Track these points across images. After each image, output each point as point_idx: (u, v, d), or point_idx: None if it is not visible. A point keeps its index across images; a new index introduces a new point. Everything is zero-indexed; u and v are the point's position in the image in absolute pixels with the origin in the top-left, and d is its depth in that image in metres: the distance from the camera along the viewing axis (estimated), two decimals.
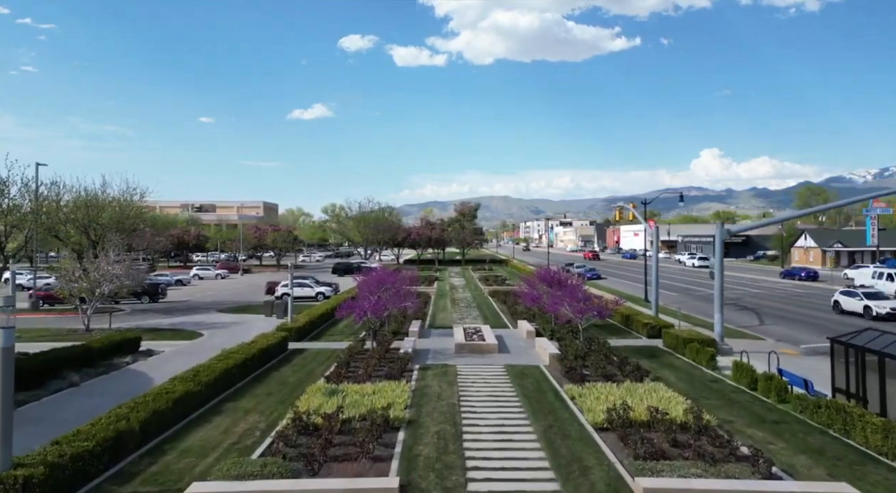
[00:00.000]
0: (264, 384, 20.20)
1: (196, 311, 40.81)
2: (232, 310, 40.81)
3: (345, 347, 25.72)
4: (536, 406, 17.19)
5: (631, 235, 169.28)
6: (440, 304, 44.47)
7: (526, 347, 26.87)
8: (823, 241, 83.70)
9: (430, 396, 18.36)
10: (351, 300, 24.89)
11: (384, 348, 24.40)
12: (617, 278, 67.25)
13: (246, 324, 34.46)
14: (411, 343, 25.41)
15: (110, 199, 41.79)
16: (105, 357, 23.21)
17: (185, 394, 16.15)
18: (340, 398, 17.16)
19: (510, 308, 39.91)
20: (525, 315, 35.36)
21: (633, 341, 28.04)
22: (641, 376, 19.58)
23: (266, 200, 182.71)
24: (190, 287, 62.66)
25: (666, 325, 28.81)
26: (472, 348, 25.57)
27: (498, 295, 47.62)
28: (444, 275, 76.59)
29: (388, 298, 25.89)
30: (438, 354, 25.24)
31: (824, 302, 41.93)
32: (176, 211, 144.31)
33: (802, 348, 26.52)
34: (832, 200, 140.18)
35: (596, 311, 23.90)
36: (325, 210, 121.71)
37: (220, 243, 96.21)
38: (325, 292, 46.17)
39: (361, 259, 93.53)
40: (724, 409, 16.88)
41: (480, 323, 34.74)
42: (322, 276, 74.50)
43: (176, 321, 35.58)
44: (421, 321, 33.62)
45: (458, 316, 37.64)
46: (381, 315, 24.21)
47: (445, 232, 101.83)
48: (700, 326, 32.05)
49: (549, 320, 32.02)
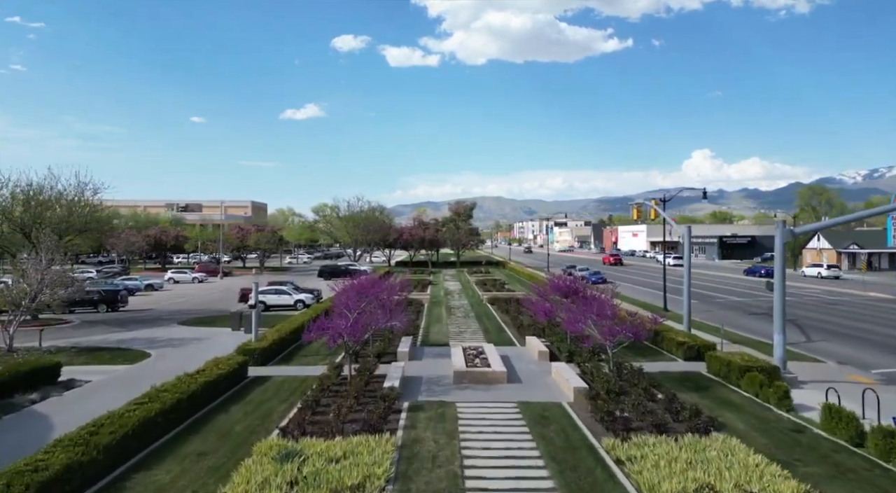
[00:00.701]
0: (201, 436, 15.15)
1: (155, 323, 35.65)
2: (196, 322, 35.65)
3: (318, 373, 20.81)
4: (572, 479, 12.26)
5: (629, 235, 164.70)
6: (434, 313, 39.52)
7: (539, 373, 21.95)
8: (838, 242, 79.30)
9: (423, 459, 13.39)
10: (324, 317, 19.85)
11: (365, 377, 19.43)
12: (624, 283, 62.43)
13: (207, 341, 29.39)
14: (399, 371, 20.44)
15: (56, 195, 36.45)
16: (6, 393, 18.10)
17: (64, 470, 11.09)
18: (296, 467, 12.21)
19: (514, 319, 35.03)
20: (532, 328, 30.53)
21: (667, 364, 23.13)
22: (705, 427, 14.69)
23: (254, 200, 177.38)
24: (160, 293, 57.35)
25: (705, 344, 23.94)
26: (474, 376, 20.61)
27: (498, 303, 42.73)
28: (437, 278, 71.59)
29: (371, 314, 20.88)
30: (433, 384, 20.27)
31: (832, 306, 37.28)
32: (159, 210, 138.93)
33: (876, 375, 21.77)
34: (834, 201, 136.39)
35: (631, 332, 18.99)
36: (316, 210, 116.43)
37: (200, 244, 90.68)
38: (305, 300, 41.11)
39: (350, 261, 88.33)
40: (844, 486, 11.98)
41: (481, 339, 29.83)
42: (308, 280, 69.45)
43: (125, 337, 30.43)
44: (412, 338, 28.69)
45: (455, 329, 32.70)
46: (360, 338, 19.26)
47: (439, 232, 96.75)
48: (739, 343, 27.26)
49: (563, 336, 27.20)
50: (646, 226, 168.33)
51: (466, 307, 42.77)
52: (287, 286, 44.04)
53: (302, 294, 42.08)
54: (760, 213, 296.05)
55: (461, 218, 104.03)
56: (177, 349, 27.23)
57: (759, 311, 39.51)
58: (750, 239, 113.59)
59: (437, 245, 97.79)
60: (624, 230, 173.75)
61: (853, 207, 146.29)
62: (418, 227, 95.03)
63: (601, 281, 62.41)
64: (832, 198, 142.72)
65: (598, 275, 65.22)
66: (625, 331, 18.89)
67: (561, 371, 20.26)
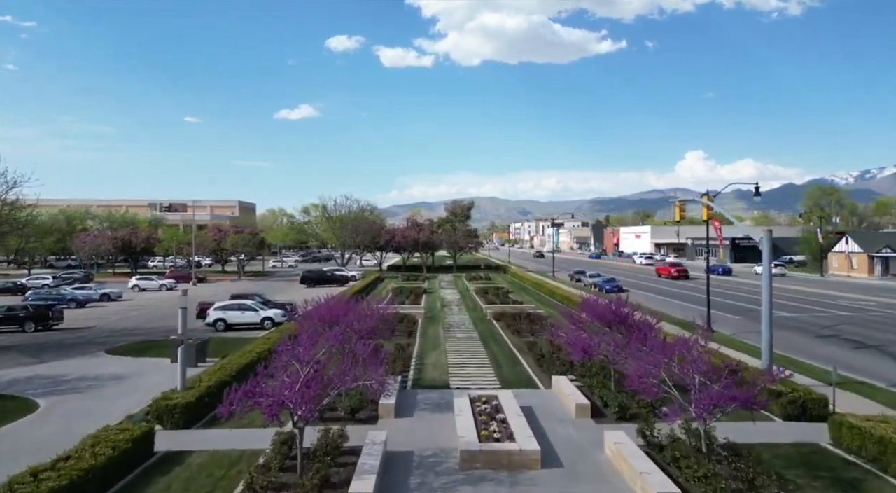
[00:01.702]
0: None
1: (80, 350, 28.51)
2: (131, 349, 28.45)
3: (264, 446, 13.92)
4: None
5: (632, 236, 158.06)
6: (430, 334, 32.55)
7: (584, 445, 15.04)
8: (870, 245, 72.73)
9: None
10: (253, 377, 12.64)
11: (324, 468, 12.43)
12: (639, 291, 55.50)
13: (131, 381, 22.33)
14: (378, 448, 13.47)
15: None
16: None
17: None
18: None
19: (529, 344, 28.15)
20: (553, 357, 23.84)
21: (762, 428, 15.99)
22: None
23: (242, 200, 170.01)
24: (117, 304, 50.16)
25: (813, 397, 17.02)
26: (492, 458, 13.61)
27: (506, 319, 35.82)
28: (433, 285, 64.55)
29: (337, 368, 13.84)
30: (429, 474, 13.32)
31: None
32: (139, 210, 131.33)
33: None
34: (846, 202, 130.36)
35: (740, 399, 12.01)
36: (306, 210, 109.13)
37: (175, 247, 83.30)
38: (273, 318, 34.05)
39: (338, 266, 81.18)
40: None
41: (492, 375, 22.98)
42: (290, 287, 62.34)
43: (25, 374, 23.30)
44: (402, 376, 21.79)
45: (456, 360, 25.77)
46: (314, 410, 12.19)
47: (435, 234, 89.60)
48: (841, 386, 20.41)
49: (599, 369, 20.54)
50: (650, 227, 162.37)
51: (468, 325, 35.83)
52: (253, 300, 36.91)
53: (270, 311, 34.97)
54: (759, 214, 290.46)
55: (458, 218, 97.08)
56: (81, 396, 20.13)
57: (828, 332, 32.70)
58: None
59: (433, 248, 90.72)
60: (626, 231, 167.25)
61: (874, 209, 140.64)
62: (412, 228, 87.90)
63: (617, 289, 55.57)
64: (841, 198, 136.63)
65: (613, 282, 58.33)
66: (730, 397, 11.92)
67: (622, 451, 13.33)
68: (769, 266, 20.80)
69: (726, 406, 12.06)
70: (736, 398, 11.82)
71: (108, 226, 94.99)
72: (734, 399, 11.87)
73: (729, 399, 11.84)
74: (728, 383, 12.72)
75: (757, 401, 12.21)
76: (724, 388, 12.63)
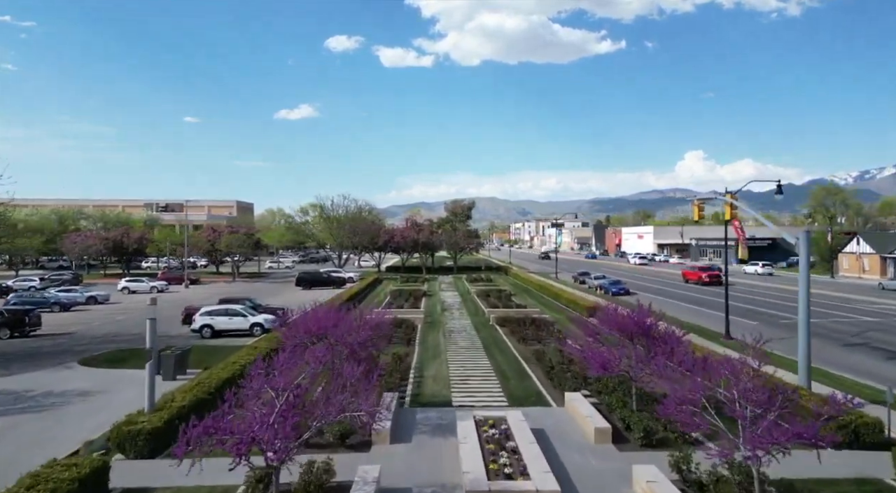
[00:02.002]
0: None
1: (51, 359, 26.43)
2: (106, 360, 26.28)
3: (236, 482, 11.92)
4: None
5: (634, 237, 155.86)
6: (430, 341, 30.51)
7: (606, 477, 13.01)
8: (882, 246, 70.68)
9: None
10: (219, 406, 10.58)
11: None
12: (639, 291, 53.38)
13: (100, 397, 20.26)
14: (371, 488, 11.44)
15: None
16: None
17: None
18: None
19: (536, 353, 26.13)
20: (564, 369, 21.85)
21: (810, 457, 13.93)
22: None
23: (240, 199, 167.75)
24: (104, 307, 48.16)
25: (865, 420, 14.97)
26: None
27: (510, 325, 33.78)
28: (433, 287, 62.49)
29: (322, 393, 11.76)
30: None
31: None
32: (135, 210, 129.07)
33: None
34: (850, 202, 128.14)
35: (806, 434, 9.93)
36: (304, 210, 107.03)
37: (168, 247, 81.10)
38: (263, 324, 31.96)
39: (335, 267, 79.10)
40: None
41: (497, 389, 20.94)
42: (285, 289, 60.21)
43: None
44: (398, 392, 19.74)
45: (458, 372, 23.70)
46: (291, 448, 10.10)
47: (434, 234, 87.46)
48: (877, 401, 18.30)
49: (617, 386, 18.61)
50: (652, 227, 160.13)
51: (470, 331, 33.78)
52: (242, 305, 34.83)
53: (260, 316, 32.87)
54: (765, 214, 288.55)
55: (459, 218, 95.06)
56: (40, 417, 18.03)
57: (856, 340, 30.66)
58: (770, 241, 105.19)
59: (433, 248, 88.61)
60: (628, 232, 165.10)
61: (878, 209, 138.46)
62: (411, 228, 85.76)
63: (624, 292, 53.55)
64: (846, 198, 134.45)
65: (619, 285, 56.17)
66: (794, 434, 9.83)
67: (654, 489, 11.29)
68: (807, 272, 18.76)
69: (787, 445, 9.97)
70: (801, 435, 9.73)
71: (101, 226, 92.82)
72: (798, 436, 9.78)
73: (792, 436, 9.75)
74: (784, 414, 10.67)
75: (824, 437, 10.10)
76: (779, 418, 10.60)
